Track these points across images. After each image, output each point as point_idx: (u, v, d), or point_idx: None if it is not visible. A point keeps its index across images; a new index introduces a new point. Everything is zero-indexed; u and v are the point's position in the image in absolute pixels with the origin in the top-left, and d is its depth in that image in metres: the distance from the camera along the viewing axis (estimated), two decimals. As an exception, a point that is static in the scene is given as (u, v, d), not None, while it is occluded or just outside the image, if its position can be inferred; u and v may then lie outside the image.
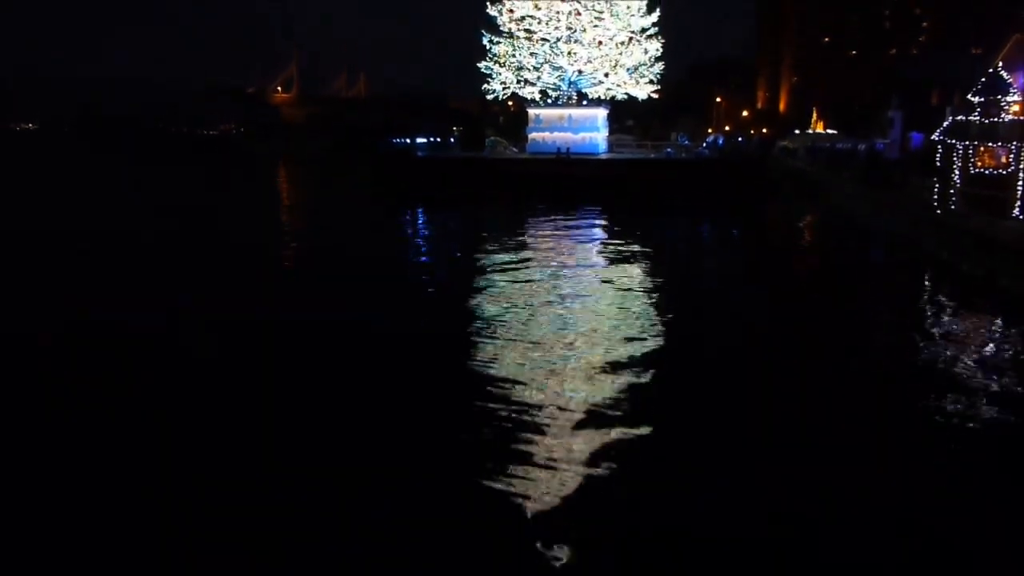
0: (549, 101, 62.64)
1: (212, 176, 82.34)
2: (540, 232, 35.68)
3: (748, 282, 26.47)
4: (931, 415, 13.29)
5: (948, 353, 16.99)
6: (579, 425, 12.37)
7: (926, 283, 25.21)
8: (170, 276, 25.24)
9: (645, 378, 14.79)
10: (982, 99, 29.94)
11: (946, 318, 20.76)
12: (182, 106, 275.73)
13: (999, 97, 29.60)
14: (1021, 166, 27.68)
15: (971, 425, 12.91)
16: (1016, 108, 31.42)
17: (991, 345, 17.81)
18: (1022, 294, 21.31)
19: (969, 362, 16.22)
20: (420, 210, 46.72)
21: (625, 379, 14.66)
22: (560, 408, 13.09)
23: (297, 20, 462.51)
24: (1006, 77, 30.24)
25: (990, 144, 29.27)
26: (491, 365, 15.45)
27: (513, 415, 12.79)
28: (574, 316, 19.61)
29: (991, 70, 30.92)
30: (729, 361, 16.27)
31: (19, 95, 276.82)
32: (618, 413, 12.98)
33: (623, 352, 16.36)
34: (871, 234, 36.25)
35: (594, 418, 12.68)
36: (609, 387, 14.18)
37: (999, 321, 19.76)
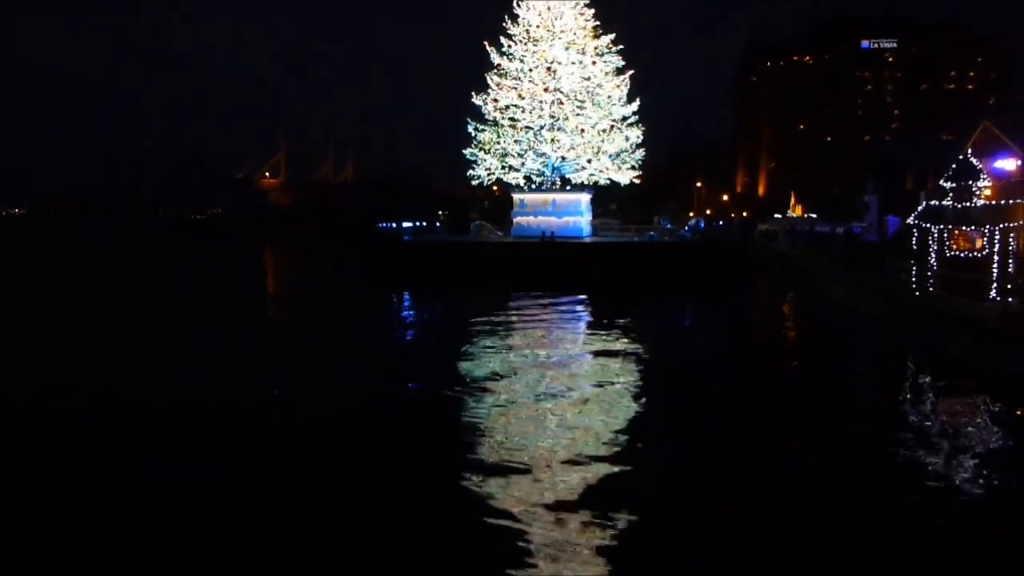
0: (533, 186, 63.79)
1: (192, 262, 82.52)
2: (525, 317, 35.67)
3: (736, 367, 26.46)
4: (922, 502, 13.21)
5: (936, 429, 17.02)
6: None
7: (908, 364, 25.38)
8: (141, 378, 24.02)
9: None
10: (954, 184, 30.77)
11: (930, 396, 20.99)
12: (168, 189, 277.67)
13: (970, 182, 30.44)
14: (995, 249, 28.30)
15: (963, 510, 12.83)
16: (988, 192, 32.34)
17: (979, 421, 17.90)
18: (1002, 372, 21.56)
19: (958, 437, 16.23)
20: (406, 294, 46.83)
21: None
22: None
23: (288, 105, 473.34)
24: (976, 163, 31.18)
25: (964, 228, 29.97)
26: (471, 477, 14.22)
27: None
28: (560, 413, 18.96)
29: (961, 156, 31.91)
30: (724, 467, 15.31)
31: (4, 177, 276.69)
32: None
33: (608, 469, 14.80)
34: (852, 315, 36.64)
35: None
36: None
37: (982, 398, 19.91)
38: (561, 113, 61.73)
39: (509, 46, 62.21)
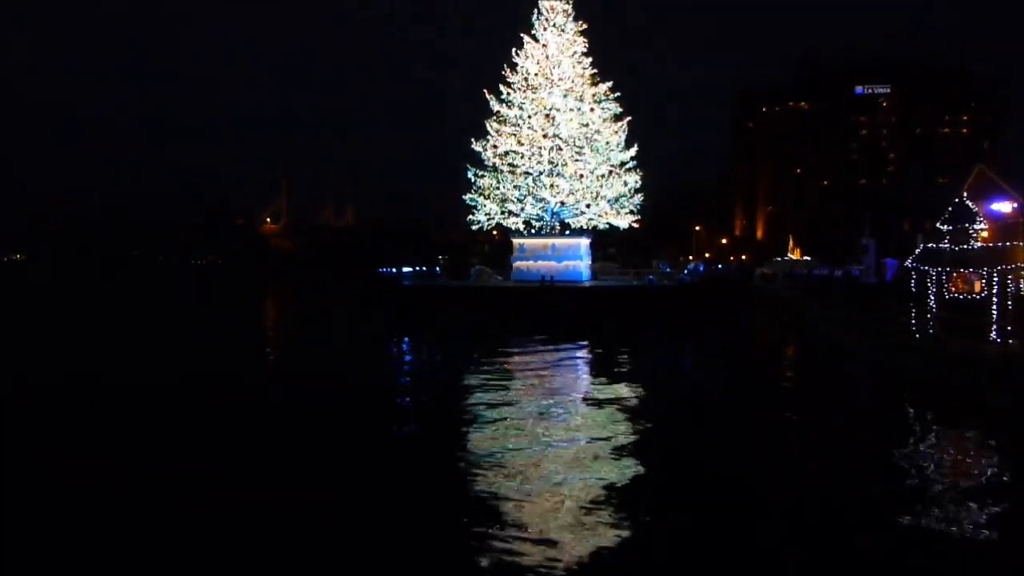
0: (533, 231, 64.19)
1: (192, 308, 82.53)
2: (525, 365, 35.46)
3: (740, 412, 26.28)
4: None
5: (935, 467, 16.93)
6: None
7: (911, 404, 25.29)
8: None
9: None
10: (951, 227, 30.99)
11: (933, 435, 20.91)
12: (170, 235, 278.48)
13: (967, 225, 30.66)
14: (994, 291, 28.38)
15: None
16: (985, 235, 32.54)
17: (980, 461, 17.84)
18: (1006, 410, 21.59)
19: (959, 477, 16.14)
20: (406, 339, 46.75)
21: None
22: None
23: (288, 151, 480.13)
24: (972, 206, 31.43)
25: (962, 270, 30.09)
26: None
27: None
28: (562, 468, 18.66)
29: (957, 200, 32.15)
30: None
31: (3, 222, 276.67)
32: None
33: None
34: (853, 357, 36.55)
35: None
36: None
37: (983, 436, 19.91)
38: (560, 159, 62.39)
39: (508, 94, 63.17)
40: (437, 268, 77.77)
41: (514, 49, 63.75)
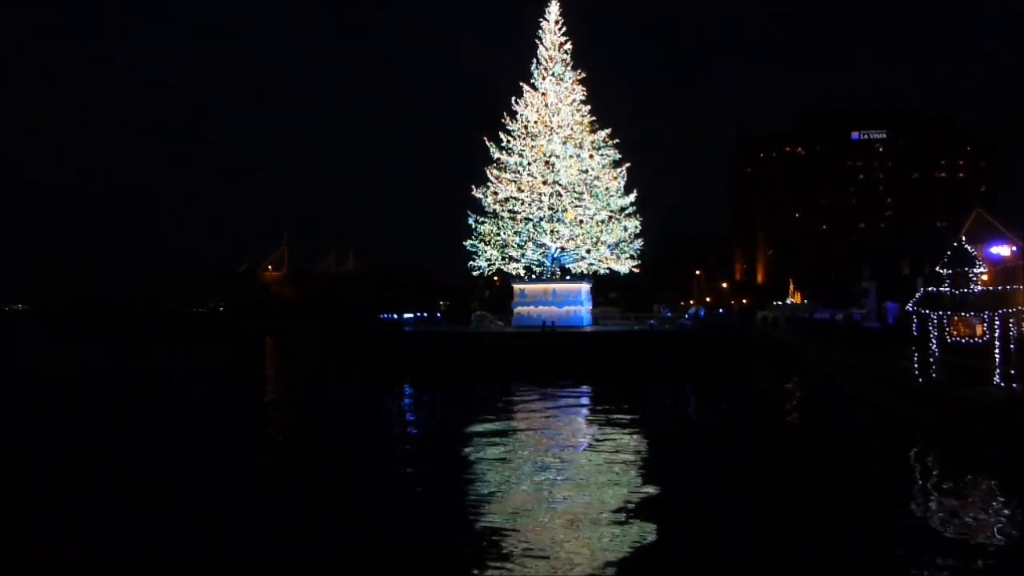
0: (533, 276, 64.31)
1: (190, 359, 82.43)
2: (527, 414, 35.23)
3: (743, 459, 26.07)
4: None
5: (942, 517, 16.70)
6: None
7: (913, 450, 25.07)
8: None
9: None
10: (950, 271, 31.07)
11: (933, 484, 20.63)
12: (172, 284, 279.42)
13: (966, 269, 30.75)
14: (996, 335, 28.34)
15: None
16: (985, 278, 32.62)
17: (986, 509, 17.61)
18: (1007, 461, 21.34)
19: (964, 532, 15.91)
20: (407, 387, 46.53)
21: None
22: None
23: (289, 199, 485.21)
24: (971, 250, 31.56)
25: (963, 314, 30.09)
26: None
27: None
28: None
29: (956, 244, 32.29)
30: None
31: (7, 276, 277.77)
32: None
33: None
34: (855, 402, 36.35)
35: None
36: None
37: (987, 489, 19.64)
38: (560, 205, 62.77)
39: (508, 141, 63.80)
40: (438, 314, 77.65)
41: (514, 98, 64.64)
